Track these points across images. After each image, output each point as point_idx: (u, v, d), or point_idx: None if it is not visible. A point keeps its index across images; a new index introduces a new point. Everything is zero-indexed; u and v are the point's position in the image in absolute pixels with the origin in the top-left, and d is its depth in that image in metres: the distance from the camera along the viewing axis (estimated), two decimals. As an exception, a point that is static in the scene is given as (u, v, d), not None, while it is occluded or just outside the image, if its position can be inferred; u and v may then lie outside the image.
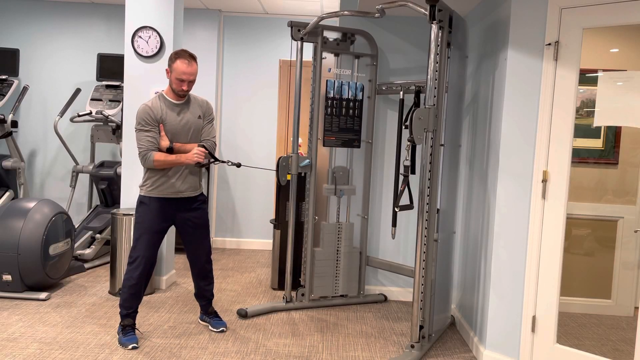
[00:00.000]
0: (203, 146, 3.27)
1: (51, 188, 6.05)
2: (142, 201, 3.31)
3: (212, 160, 3.34)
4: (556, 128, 2.94)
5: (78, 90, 5.55)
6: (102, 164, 5.44)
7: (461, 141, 3.91)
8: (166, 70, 3.28)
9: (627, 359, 2.77)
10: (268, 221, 6.14)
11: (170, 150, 3.23)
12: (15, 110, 5.37)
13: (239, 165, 3.49)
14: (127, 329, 3.32)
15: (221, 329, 3.56)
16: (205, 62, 5.77)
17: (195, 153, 3.22)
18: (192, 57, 3.25)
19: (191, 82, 3.26)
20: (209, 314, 3.64)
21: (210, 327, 3.60)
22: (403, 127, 4.02)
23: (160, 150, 3.23)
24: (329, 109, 4.04)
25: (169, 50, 4.33)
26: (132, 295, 3.30)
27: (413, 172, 3.47)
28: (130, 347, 3.23)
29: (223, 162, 3.46)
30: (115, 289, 4.19)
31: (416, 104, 3.87)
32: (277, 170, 3.91)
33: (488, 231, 3.27)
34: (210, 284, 3.60)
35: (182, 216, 3.39)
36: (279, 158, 3.92)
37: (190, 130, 3.33)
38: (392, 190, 4.37)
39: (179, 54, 3.23)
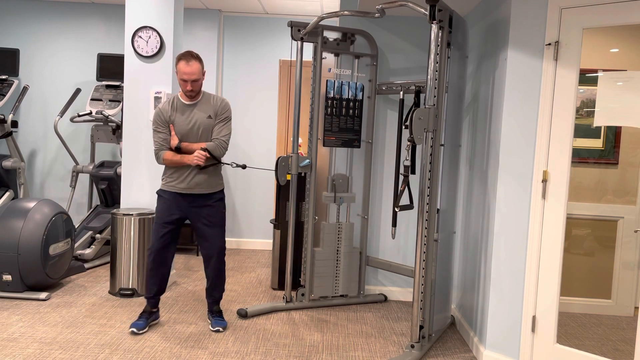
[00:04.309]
0: (206, 149, 3.31)
1: (51, 188, 6.05)
2: (158, 194, 3.52)
3: (214, 162, 3.37)
4: (556, 128, 2.94)
5: (78, 90, 5.55)
6: (102, 164, 5.44)
7: (461, 141, 3.91)
8: (176, 72, 3.40)
9: (627, 359, 2.77)
10: (268, 221, 6.14)
11: (178, 149, 3.37)
12: (15, 110, 5.37)
13: (244, 167, 3.58)
14: (142, 315, 3.51)
15: (217, 328, 3.55)
16: (205, 62, 5.74)
17: (195, 156, 3.32)
18: (192, 57, 3.29)
19: (195, 82, 3.31)
20: (212, 312, 3.66)
21: (209, 326, 3.61)
22: (403, 127, 4.02)
23: (170, 148, 3.40)
24: (329, 109, 4.03)
25: (169, 51, 4.34)
26: (148, 281, 3.51)
27: (413, 172, 3.47)
28: (130, 330, 3.36)
29: (227, 164, 3.53)
30: (116, 288, 4.19)
31: (416, 104, 3.88)
32: (276, 171, 3.91)
33: (488, 231, 3.27)
34: (221, 283, 3.62)
35: (195, 212, 3.48)
36: (278, 158, 3.92)
37: (199, 130, 3.40)
38: (392, 190, 4.37)
39: (181, 55, 3.33)
